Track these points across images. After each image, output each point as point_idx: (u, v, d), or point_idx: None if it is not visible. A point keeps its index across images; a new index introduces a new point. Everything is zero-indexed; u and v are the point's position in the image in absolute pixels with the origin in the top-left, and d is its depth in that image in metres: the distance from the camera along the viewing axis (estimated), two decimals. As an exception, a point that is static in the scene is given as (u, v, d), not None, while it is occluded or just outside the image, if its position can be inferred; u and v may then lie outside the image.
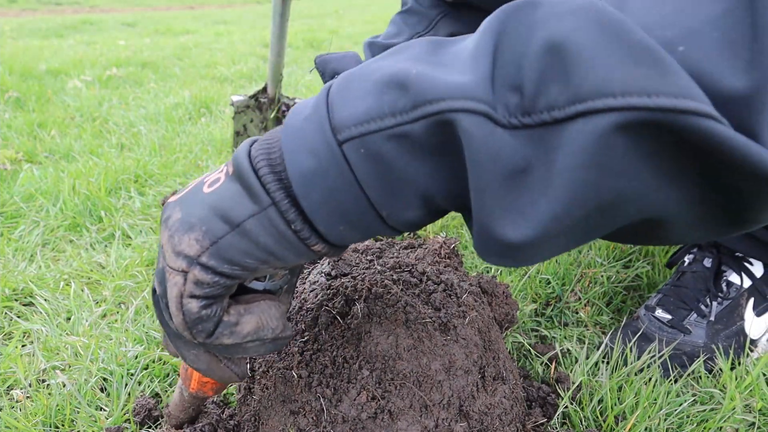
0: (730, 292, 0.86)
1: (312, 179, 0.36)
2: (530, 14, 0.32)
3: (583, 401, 0.72)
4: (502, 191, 0.32)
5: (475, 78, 0.32)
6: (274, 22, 1.47)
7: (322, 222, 0.38)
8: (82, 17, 6.99)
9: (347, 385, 0.56)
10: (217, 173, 0.41)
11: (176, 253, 0.39)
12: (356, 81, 0.36)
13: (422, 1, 1.04)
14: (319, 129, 0.36)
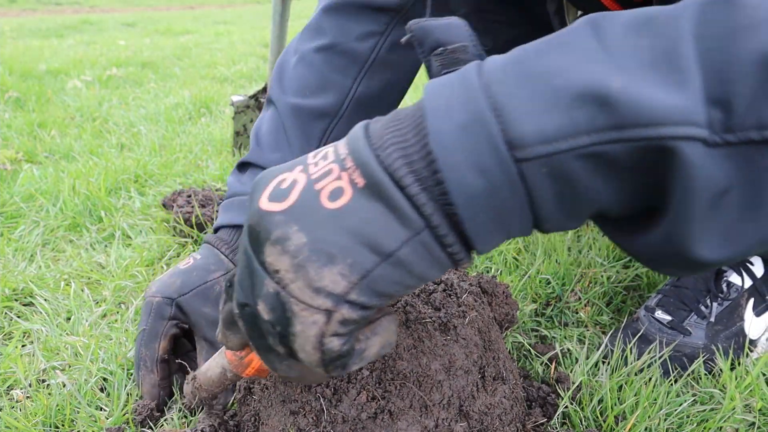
0: (730, 292, 0.86)
1: (480, 201, 0.32)
2: (730, 17, 0.29)
3: (583, 401, 0.72)
4: (704, 213, 0.30)
5: (692, 96, 0.29)
6: (274, 22, 1.47)
7: (482, 240, 0.34)
8: (82, 17, 7.00)
9: (347, 385, 0.56)
10: (328, 175, 0.34)
11: (314, 290, 0.33)
12: (529, 83, 0.31)
13: (351, 29, 0.85)
14: (488, 144, 0.31)
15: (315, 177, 0.34)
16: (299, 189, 0.34)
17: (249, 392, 0.65)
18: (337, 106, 0.85)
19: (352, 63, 0.85)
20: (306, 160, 0.36)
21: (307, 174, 0.35)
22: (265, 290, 0.35)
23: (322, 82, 0.85)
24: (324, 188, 0.34)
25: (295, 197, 0.34)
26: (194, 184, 1.44)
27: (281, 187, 0.35)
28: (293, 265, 0.33)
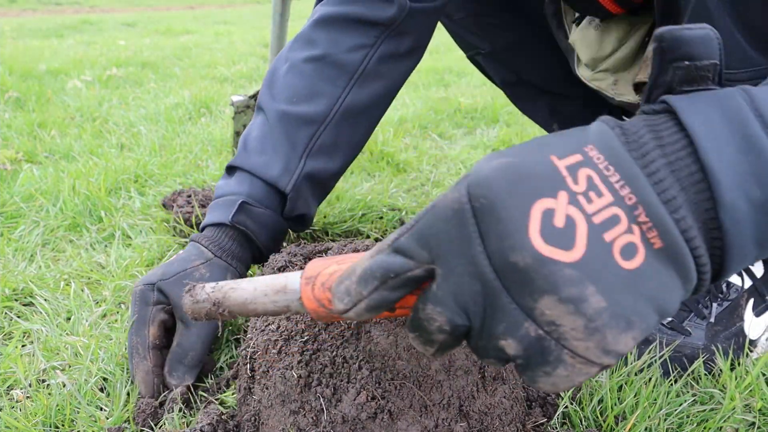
0: (730, 293, 0.86)
1: (744, 264, 0.34)
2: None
3: (583, 401, 0.72)
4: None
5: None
6: (274, 22, 1.47)
7: (719, 281, 0.36)
8: (82, 17, 7.00)
9: (347, 385, 0.56)
10: (616, 224, 0.32)
11: (605, 351, 0.32)
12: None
13: (341, 41, 0.86)
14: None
15: (598, 222, 0.32)
16: (584, 236, 0.31)
17: (249, 392, 0.65)
18: (324, 114, 0.87)
19: (342, 73, 0.86)
20: (561, 179, 0.32)
21: (581, 210, 0.32)
22: (522, 332, 0.33)
23: (312, 90, 0.86)
24: (615, 242, 0.31)
25: (582, 248, 0.31)
26: (194, 184, 1.44)
27: (556, 225, 0.31)
28: (587, 327, 0.31)
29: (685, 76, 0.35)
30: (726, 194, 0.31)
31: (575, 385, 0.33)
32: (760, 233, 0.32)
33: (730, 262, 0.33)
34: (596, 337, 0.31)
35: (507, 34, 1.11)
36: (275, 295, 0.49)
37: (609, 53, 0.94)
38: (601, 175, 0.32)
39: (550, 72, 1.14)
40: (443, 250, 0.34)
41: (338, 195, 1.31)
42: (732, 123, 0.32)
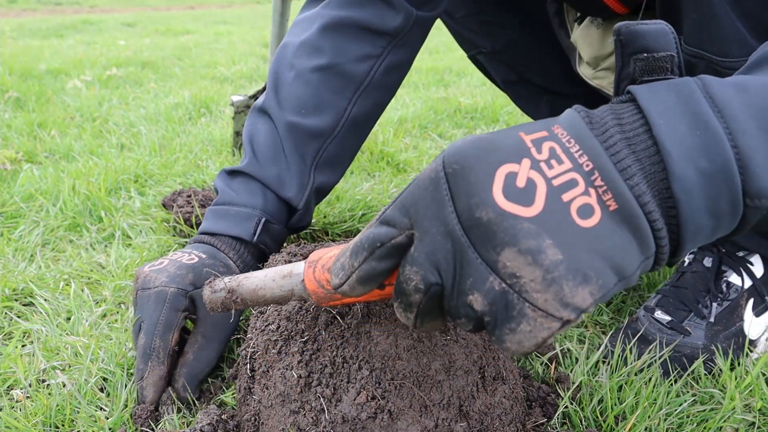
0: (729, 293, 0.86)
1: (701, 235, 0.36)
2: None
3: (583, 401, 0.72)
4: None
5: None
6: (274, 22, 1.47)
7: (681, 255, 0.38)
8: (82, 17, 7.00)
9: (347, 385, 0.56)
10: (574, 187, 0.35)
11: (563, 304, 0.34)
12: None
13: (348, 50, 0.85)
14: (729, 194, 0.35)
15: (557, 184, 0.35)
16: (543, 194, 0.35)
17: (249, 392, 0.65)
18: (332, 127, 0.87)
19: (349, 84, 0.87)
20: (526, 149, 0.36)
21: (542, 174, 0.35)
22: (487, 286, 0.35)
23: (319, 101, 0.86)
24: (572, 202, 0.35)
25: (541, 205, 0.34)
26: (194, 184, 1.44)
27: (518, 185, 0.35)
28: (545, 278, 0.34)
29: (644, 67, 0.38)
30: (676, 165, 0.35)
31: (540, 342, 0.35)
32: (712, 202, 0.35)
33: (686, 233, 0.36)
34: (553, 288, 0.34)
35: (508, 33, 1.11)
36: (282, 279, 0.53)
37: (611, 52, 0.94)
38: (562, 146, 0.36)
39: (551, 71, 1.14)
40: (420, 215, 0.38)
41: (338, 195, 1.31)
42: (684, 104, 0.36)
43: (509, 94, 1.28)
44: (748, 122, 0.35)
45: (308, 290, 0.51)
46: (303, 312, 0.62)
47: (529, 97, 1.24)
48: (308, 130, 0.86)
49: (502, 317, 0.36)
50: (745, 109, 0.35)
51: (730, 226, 0.37)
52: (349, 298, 0.50)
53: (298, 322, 0.62)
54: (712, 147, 0.35)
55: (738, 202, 0.35)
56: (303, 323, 0.61)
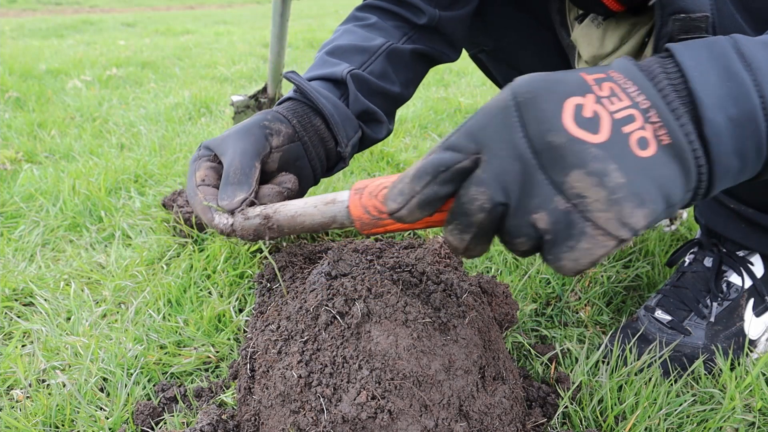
0: (730, 293, 0.85)
1: (729, 175, 0.41)
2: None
3: (583, 401, 0.72)
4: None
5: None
6: (274, 22, 1.47)
7: (712, 192, 0.42)
8: (82, 17, 7.00)
9: (347, 385, 0.56)
10: (632, 122, 0.39)
11: (622, 223, 0.38)
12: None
13: (388, 20, 0.94)
14: (755, 138, 0.40)
15: (618, 117, 0.39)
16: (608, 126, 0.39)
17: (249, 392, 0.65)
18: (374, 49, 0.91)
19: (389, 35, 0.93)
20: (589, 86, 0.40)
21: (605, 108, 0.40)
22: (552, 206, 0.39)
23: (365, 37, 0.92)
24: (632, 134, 0.39)
25: (606, 134, 0.39)
26: (194, 184, 1.44)
27: (585, 116, 0.39)
28: (609, 199, 0.38)
29: (681, 27, 0.44)
30: (708, 112, 0.40)
31: (596, 260, 0.39)
32: (740, 144, 0.40)
33: (717, 172, 0.40)
34: (615, 208, 0.38)
35: (511, 32, 1.11)
36: (324, 206, 0.54)
37: (610, 51, 0.94)
38: (621, 86, 0.40)
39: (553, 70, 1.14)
40: (489, 140, 0.41)
41: (338, 195, 1.31)
42: (716, 59, 0.41)
43: None
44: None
45: (353, 216, 0.51)
46: (303, 312, 0.62)
47: None
48: (352, 47, 0.90)
49: (564, 235, 0.39)
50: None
51: (755, 168, 0.41)
52: (395, 225, 0.50)
53: (298, 322, 0.62)
54: (740, 96, 0.40)
55: (762, 145, 0.40)
56: (303, 323, 0.61)
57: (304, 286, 0.67)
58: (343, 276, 0.65)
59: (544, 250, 0.41)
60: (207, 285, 1.00)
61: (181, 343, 0.85)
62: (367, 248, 0.76)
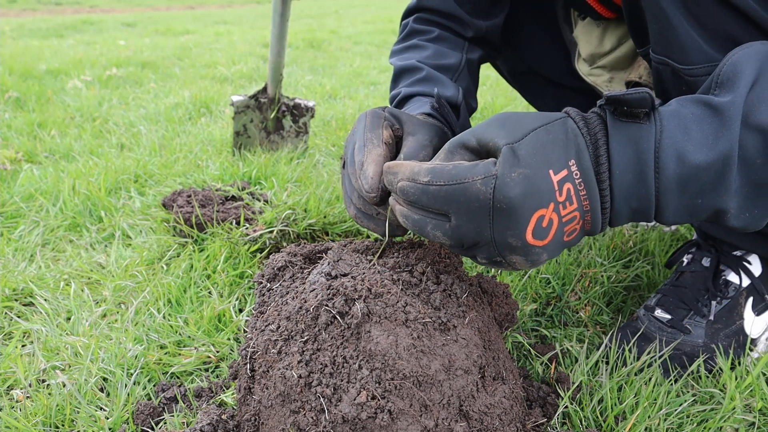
0: (728, 291, 0.86)
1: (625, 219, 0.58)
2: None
3: (583, 401, 0.72)
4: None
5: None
6: (274, 22, 1.47)
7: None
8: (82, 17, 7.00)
9: (347, 385, 0.56)
10: (573, 221, 0.53)
11: (532, 265, 0.57)
12: (684, 202, 0.54)
13: (448, 29, 0.99)
14: (642, 217, 0.56)
15: (565, 220, 0.52)
16: (554, 231, 0.52)
17: (249, 392, 0.65)
18: (456, 65, 0.95)
19: (456, 46, 0.98)
20: (553, 192, 0.51)
21: (559, 216, 0.52)
22: (494, 259, 0.55)
23: (440, 53, 0.96)
24: (567, 230, 0.53)
25: (550, 238, 0.52)
26: (194, 184, 1.44)
27: (542, 226, 0.51)
28: (530, 265, 0.55)
29: (623, 114, 0.53)
30: (616, 203, 0.53)
31: (525, 266, 0.55)
32: (632, 219, 0.55)
33: (610, 228, 0.55)
34: (533, 267, 0.55)
35: (521, 23, 1.11)
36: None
37: (608, 50, 0.94)
38: (576, 189, 0.52)
39: (557, 64, 1.14)
40: (460, 213, 0.52)
41: (338, 195, 1.31)
42: (637, 163, 0.52)
43: (516, 86, 1.27)
44: (673, 186, 0.52)
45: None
46: (303, 312, 0.62)
47: (536, 90, 1.24)
48: (441, 66, 0.94)
49: (494, 265, 0.57)
50: (674, 177, 0.52)
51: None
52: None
53: (298, 322, 0.62)
54: (643, 197, 0.53)
55: (649, 221, 0.55)
56: (303, 323, 0.61)
57: (304, 286, 0.67)
58: (343, 276, 0.65)
59: (477, 261, 0.58)
60: (207, 285, 1.00)
61: (181, 343, 0.85)
62: (367, 248, 0.75)
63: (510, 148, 0.51)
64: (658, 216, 0.54)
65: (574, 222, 0.52)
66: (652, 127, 0.52)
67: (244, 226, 1.14)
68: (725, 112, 0.52)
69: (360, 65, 3.68)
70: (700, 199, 0.53)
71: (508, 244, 0.52)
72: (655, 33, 0.67)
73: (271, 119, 1.67)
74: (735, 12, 0.60)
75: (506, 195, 0.49)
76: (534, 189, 0.50)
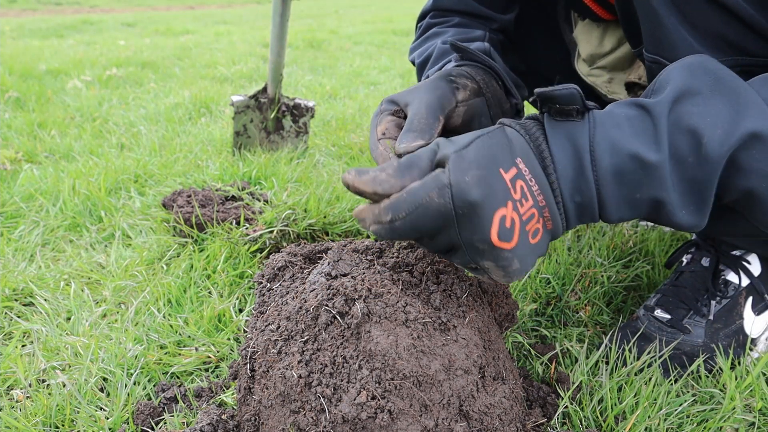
0: (728, 291, 0.86)
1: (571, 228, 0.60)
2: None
3: (583, 401, 0.72)
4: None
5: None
6: (274, 22, 1.47)
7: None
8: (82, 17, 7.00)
9: (347, 385, 0.56)
10: (532, 219, 0.54)
11: (508, 278, 0.57)
12: (623, 193, 0.55)
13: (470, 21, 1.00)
14: (589, 216, 0.57)
15: (525, 218, 0.53)
16: (518, 231, 0.53)
17: (249, 392, 0.65)
18: (481, 36, 0.97)
19: (480, 24, 0.99)
20: (508, 190, 0.52)
21: (519, 214, 0.53)
22: (467, 264, 0.56)
23: (465, 34, 0.97)
24: (530, 229, 0.54)
25: (515, 240, 0.53)
26: (194, 184, 1.44)
27: (506, 227, 0.52)
28: (505, 275, 0.55)
29: (557, 112, 0.56)
30: (562, 197, 0.55)
31: (502, 277, 0.56)
32: (579, 217, 0.56)
33: (568, 230, 0.58)
34: (508, 279, 0.56)
35: (523, 22, 1.11)
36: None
37: (608, 51, 0.94)
38: (528, 185, 0.53)
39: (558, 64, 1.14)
40: (429, 233, 0.54)
41: (338, 195, 1.31)
42: (575, 156, 0.54)
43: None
44: (609, 177, 0.54)
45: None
46: (303, 312, 0.62)
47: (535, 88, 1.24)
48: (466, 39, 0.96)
49: (476, 272, 0.58)
50: (610, 167, 0.53)
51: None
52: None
53: (298, 322, 0.62)
54: (585, 190, 0.54)
55: (595, 219, 0.56)
56: (303, 323, 0.61)
57: (304, 286, 0.67)
58: (343, 276, 0.65)
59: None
60: (207, 285, 1.00)
61: (181, 343, 0.85)
62: (367, 248, 0.75)
63: (458, 154, 0.52)
64: (602, 212, 0.55)
65: (534, 220, 0.53)
66: (585, 124, 0.54)
67: (244, 226, 1.14)
68: (653, 111, 0.54)
69: (360, 65, 3.69)
70: (638, 192, 0.54)
71: (477, 249, 0.53)
72: (647, 32, 0.68)
73: (271, 119, 1.67)
74: (725, 11, 0.61)
75: (464, 199, 0.50)
76: (490, 189, 0.51)
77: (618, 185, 0.54)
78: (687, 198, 0.55)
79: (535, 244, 0.54)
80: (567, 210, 0.55)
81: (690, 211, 0.56)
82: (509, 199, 0.52)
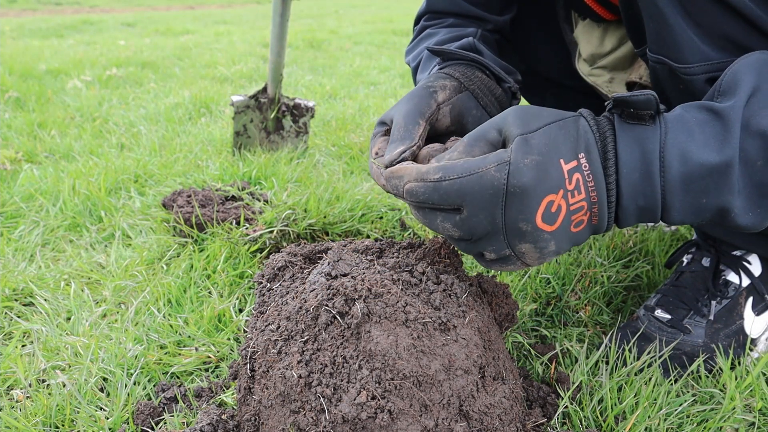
0: (728, 291, 0.86)
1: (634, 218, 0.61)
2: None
3: (583, 401, 0.72)
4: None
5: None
6: (274, 22, 1.47)
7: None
8: (82, 17, 7.00)
9: (347, 385, 0.56)
10: (580, 211, 0.55)
11: (540, 263, 0.60)
12: (689, 199, 0.55)
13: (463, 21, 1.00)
14: (650, 219, 0.58)
15: (573, 209, 0.54)
16: (562, 217, 0.54)
17: (249, 392, 0.65)
18: (473, 33, 0.95)
19: (471, 23, 0.98)
20: (563, 180, 0.53)
21: (567, 203, 0.54)
22: (502, 252, 0.57)
23: (455, 34, 0.95)
24: (574, 220, 0.55)
25: (558, 224, 0.54)
26: (194, 184, 1.44)
27: (551, 211, 0.54)
28: (539, 257, 0.57)
29: (629, 116, 0.56)
30: (623, 200, 0.56)
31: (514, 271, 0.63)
32: (640, 219, 0.57)
33: (617, 228, 0.57)
34: (541, 260, 0.57)
35: (524, 21, 1.11)
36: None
37: (609, 51, 0.94)
38: (584, 180, 0.54)
39: (558, 64, 1.14)
40: (474, 202, 0.54)
41: (338, 195, 1.31)
42: (643, 162, 0.55)
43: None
44: (677, 185, 0.54)
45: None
46: (303, 312, 0.62)
47: (536, 88, 1.24)
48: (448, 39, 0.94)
49: (500, 263, 0.59)
50: (679, 175, 0.54)
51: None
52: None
53: (298, 322, 0.62)
54: (649, 195, 0.55)
55: (656, 221, 0.57)
56: (303, 323, 0.61)
57: (304, 286, 0.67)
58: (343, 276, 0.65)
59: (483, 261, 0.60)
60: (207, 285, 1.00)
61: (181, 343, 0.85)
62: (367, 248, 0.75)
63: (523, 138, 0.54)
64: (665, 215, 0.56)
65: (581, 212, 0.54)
66: (657, 129, 0.55)
67: (244, 226, 1.14)
68: (726, 116, 0.54)
69: (360, 65, 3.69)
70: (705, 198, 0.55)
71: (519, 230, 0.54)
72: (652, 32, 0.68)
73: (271, 119, 1.67)
74: (730, 10, 0.61)
75: (520, 179, 0.52)
76: (545, 174, 0.52)
77: (685, 193, 0.55)
78: (754, 201, 0.55)
79: (576, 233, 0.56)
80: (626, 212, 0.55)
81: (756, 214, 0.56)
82: (562, 187, 0.53)
